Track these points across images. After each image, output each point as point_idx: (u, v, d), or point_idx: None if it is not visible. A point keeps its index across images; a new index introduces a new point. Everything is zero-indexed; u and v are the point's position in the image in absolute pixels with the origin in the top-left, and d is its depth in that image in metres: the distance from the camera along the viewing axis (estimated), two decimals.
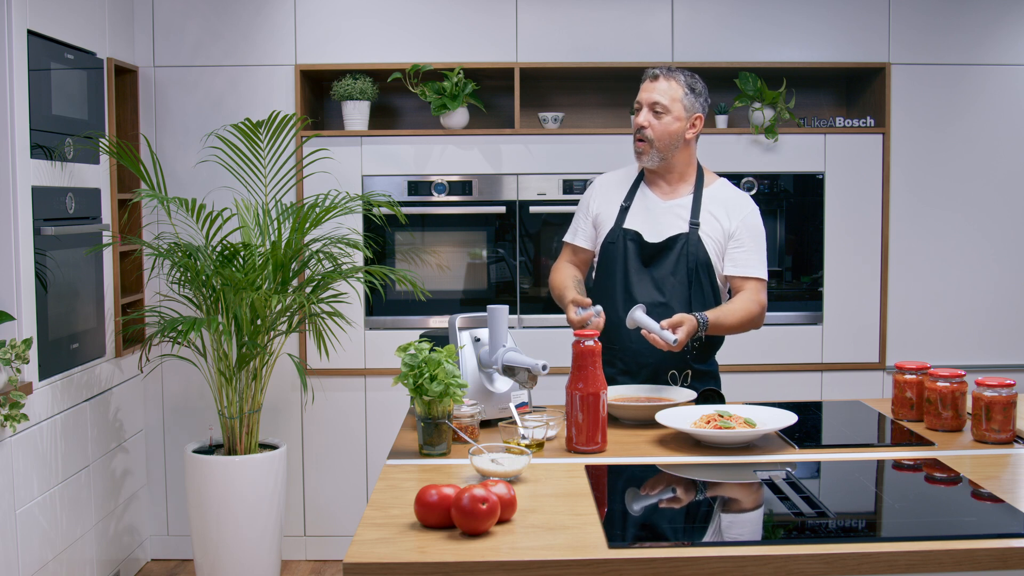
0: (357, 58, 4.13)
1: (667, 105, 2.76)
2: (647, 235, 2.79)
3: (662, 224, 2.80)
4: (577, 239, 2.95)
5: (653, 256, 2.78)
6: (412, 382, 2.19)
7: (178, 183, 4.10)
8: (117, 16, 3.89)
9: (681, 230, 2.78)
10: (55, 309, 3.32)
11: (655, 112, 2.76)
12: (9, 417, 2.92)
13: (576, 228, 2.96)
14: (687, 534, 1.78)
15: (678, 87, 2.78)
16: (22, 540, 3.07)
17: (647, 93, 2.79)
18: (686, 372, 2.79)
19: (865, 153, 4.18)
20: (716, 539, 1.74)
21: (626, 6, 4.16)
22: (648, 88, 2.80)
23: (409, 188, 4.13)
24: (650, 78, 2.81)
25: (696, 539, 1.74)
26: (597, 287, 2.88)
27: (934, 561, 1.64)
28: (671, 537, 1.76)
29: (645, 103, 2.78)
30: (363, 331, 4.14)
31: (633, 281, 2.77)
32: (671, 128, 2.76)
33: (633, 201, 2.85)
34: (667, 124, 2.76)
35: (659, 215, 2.81)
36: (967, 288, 4.27)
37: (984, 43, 4.21)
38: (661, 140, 2.76)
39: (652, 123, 2.76)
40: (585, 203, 2.95)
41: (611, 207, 2.88)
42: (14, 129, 3.08)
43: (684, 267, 2.76)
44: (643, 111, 2.78)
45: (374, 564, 1.61)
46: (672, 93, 2.77)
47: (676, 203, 2.82)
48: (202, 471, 3.61)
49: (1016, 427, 2.34)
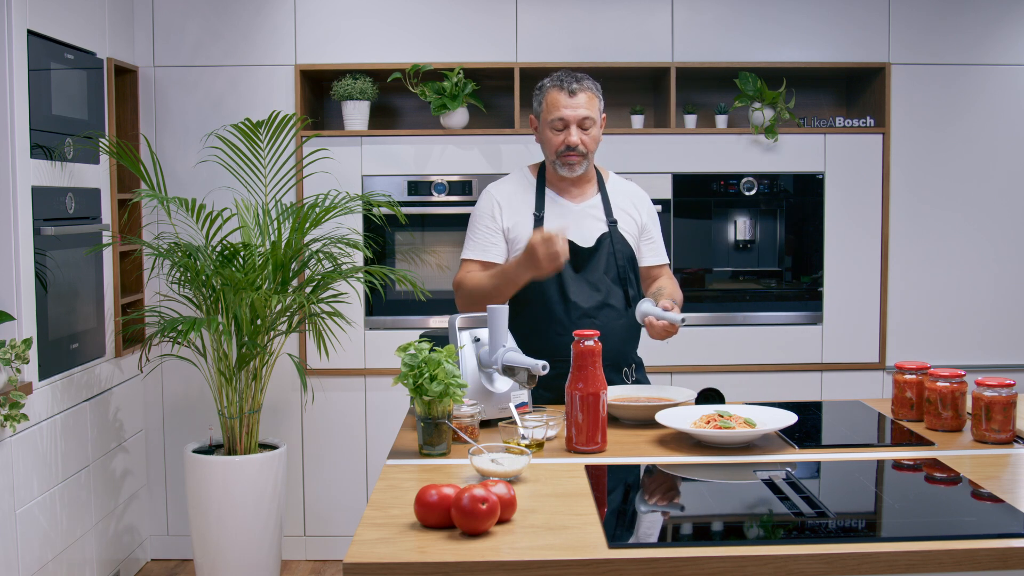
0: (357, 58, 4.13)
1: (594, 117, 2.77)
2: (577, 240, 2.78)
3: (584, 227, 2.81)
4: (489, 254, 2.80)
5: (585, 261, 2.79)
6: (412, 382, 2.19)
7: (178, 183, 4.10)
8: (117, 16, 3.89)
9: (602, 230, 2.82)
10: (55, 309, 3.32)
11: (584, 128, 2.76)
12: (9, 417, 2.92)
13: (485, 244, 2.81)
14: (687, 534, 1.78)
15: (594, 96, 2.79)
16: (22, 540, 3.07)
17: (572, 110, 2.74)
18: (632, 366, 2.86)
19: (865, 153, 4.18)
20: (716, 539, 1.74)
21: (626, 6, 4.16)
22: (570, 104, 2.74)
23: (409, 188, 4.13)
24: (568, 93, 2.74)
25: (696, 539, 1.74)
26: (524, 301, 2.76)
27: (934, 561, 1.64)
28: (671, 537, 1.76)
29: (572, 120, 2.74)
30: (363, 331, 4.14)
31: (571, 288, 2.76)
32: (597, 136, 2.81)
33: (545, 209, 2.83)
34: (594, 134, 2.80)
35: (578, 219, 2.82)
36: (967, 288, 4.27)
37: (984, 43, 4.21)
38: (592, 147, 2.80)
39: (583, 139, 2.76)
40: (487, 216, 2.83)
41: (522, 218, 2.82)
42: (14, 129, 3.08)
43: (615, 265, 2.80)
44: (572, 129, 2.75)
45: (374, 564, 1.61)
46: (592, 104, 2.78)
47: (588, 204, 2.85)
48: (202, 471, 3.61)
49: (1016, 427, 2.34)
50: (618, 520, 1.82)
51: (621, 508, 1.92)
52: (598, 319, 2.76)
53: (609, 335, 2.71)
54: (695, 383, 3.26)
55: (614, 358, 2.79)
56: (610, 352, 2.73)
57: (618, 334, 2.79)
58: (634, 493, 2.03)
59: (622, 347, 2.84)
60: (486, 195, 2.88)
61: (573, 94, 2.75)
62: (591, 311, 2.76)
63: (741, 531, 1.78)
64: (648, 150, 4.13)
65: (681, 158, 4.15)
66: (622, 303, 2.81)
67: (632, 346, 2.90)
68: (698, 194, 4.16)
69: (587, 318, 2.75)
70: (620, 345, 2.82)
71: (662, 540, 1.71)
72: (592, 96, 2.78)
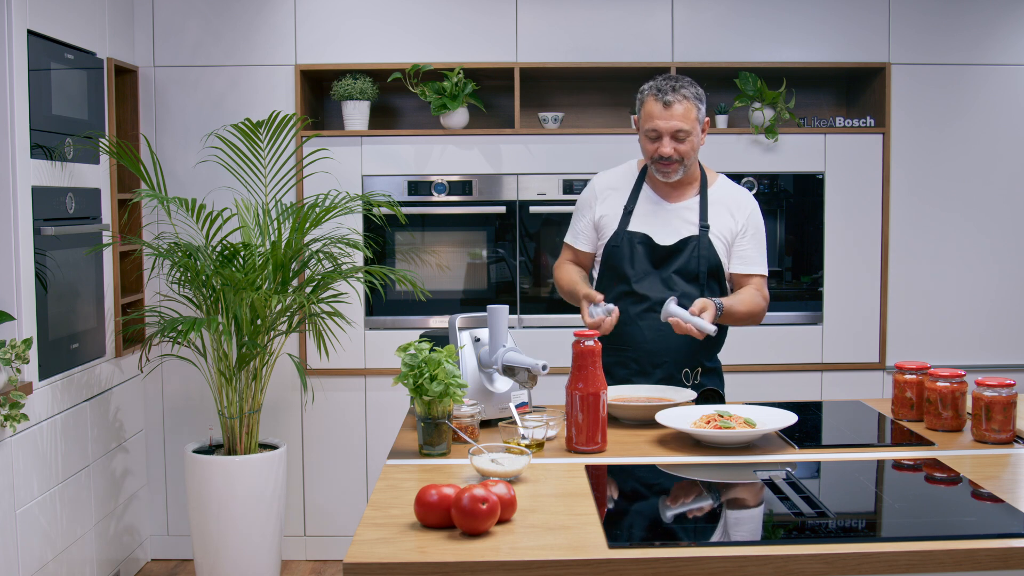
0: (357, 58, 4.13)
1: (689, 129, 2.71)
2: (657, 237, 2.78)
3: (671, 226, 2.79)
4: (579, 242, 2.91)
5: (664, 259, 2.78)
6: (412, 382, 2.19)
7: (178, 183, 4.10)
8: (117, 16, 3.89)
9: (691, 232, 2.78)
10: (55, 309, 3.32)
11: (678, 140, 2.71)
12: (9, 417, 2.92)
13: (577, 231, 2.92)
14: (687, 534, 1.78)
15: (692, 107, 2.71)
16: (22, 540, 3.07)
17: (665, 122, 2.69)
18: (697, 370, 2.81)
19: (865, 153, 4.18)
20: (716, 539, 1.74)
21: (626, 6, 4.16)
22: (664, 116, 2.69)
23: (409, 188, 4.14)
24: (663, 104, 2.69)
25: (696, 539, 1.74)
26: (601, 288, 2.85)
27: (934, 561, 1.64)
28: (671, 537, 1.76)
29: (665, 132, 2.70)
30: (363, 331, 4.14)
31: (642, 282, 2.77)
32: (696, 144, 2.75)
33: (637, 204, 2.83)
34: (692, 143, 2.73)
35: (667, 217, 2.80)
36: (967, 288, 4.27)
37: (984, 43, 4.21)
38: (688, 156, 2.74)
39: (678, 148, 2.71)
40: (586, 205, 2.91)
41: (614, 210, 2.85)
42: (14, 129, 3.08)
43: (696, 269, 2.76)
44: (665, 140, 2.70)
45: (374, 564, 1.61)
46: (690, 115, 2.70)
47: (682, 205, 2.82)
48: (202, 471, 3.61)
49: (1016, 427, 2.34)
50: (618, 520, 1.82)
51: (621, 508, 1.92)
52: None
53: (673, 335, 2.69)
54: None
55: (676, 357, 2.76)
56: (673, 350, 2.73)
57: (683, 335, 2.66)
58: (634, 493, 2.03)
59: (689, 348, 2.77)
60: (589, 183, 2.95)
61: (668, 106, 2.69)
62: (657, 306, 2.71)
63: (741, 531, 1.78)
64: None
65: None
66: None
67: (703, 350, 2.80)
68: None
69: (652, 312, 2.74)
70: (686, 346, 2.76)
71: (662, 540, 1.71)
72: (689, 106, 2.70)
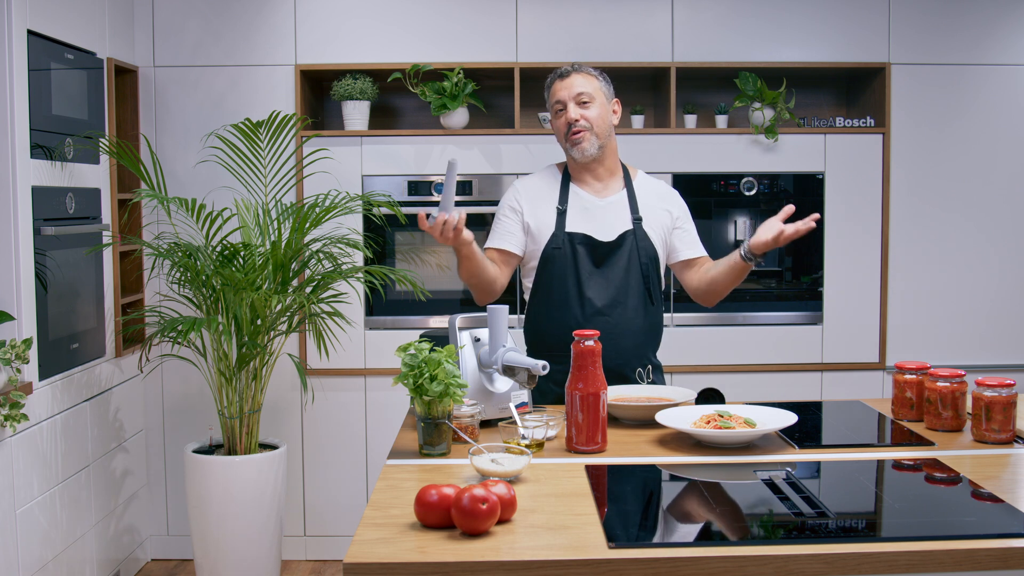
0: (357, 58, 4.13)
1: (591, 93, 2.77)
2: (598, 235, 2.78)
3: (607, 223, 2.80)
4: (506, 243, 2.83)
5: (605, 256, 2.79)
6: (412, 382, 2.19)
7: (178, 183, 4.10)
8: (117, 16, 3.89)
9: (626, 227, 2.80)
10: (55, 309, 3.32)
11: (582, 103, 2.76)
12: (9, 417, 2.92)
13: (504, 233, 2.84)
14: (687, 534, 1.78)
15: (592, 78, 2.80)
16: (22, 540, 3.07)
17: (566, 90, 2.78)
18: (648, 367, 2.82)
19: (865, 153, 4.18)
20: (716, 539, 1.74)
21: (626, 6, 4.16)
22: (564, 86, 2.78)
23: (409, 188, 4.13)
24: (559, 77, 2.80)
25: (696, 539, 1.74)
26: (542, 294, 2.81)
27: (934, 561, 1.64)
28: (671, 537, 1.76)
29: (568, 98, 2.77)
30: (363, 331, 4.14)
31: (587, 283, 2.77)
32: (602, 113, 2.79)
33: (568, 204, 2.83)
34: (597, 110, 2.78)
35: (600, 214, 2.81)
36: (967, 288, 4.27)
37: (984, 43, 4.21)
38: (598, 125, 2.77)
39: (583, 114, 2.76)
40: (511, 208, 2.86)
41: (545, 212, 2.83)
42: (14, 129, 3.08)
43: (637, 262, 2.78)
44: (570, 106, 2.76)
45: (374, 564, 1.61)
46: (589, 82, 2.78)
47: (611, 200, 2.84)
48: (202, 471, 3.61)
49: (1016, 427, 2.34)
50: (618, 520, 1.82)
51: (621, 508, 1.92)
52: (611, 317, 2.75)
53: (624, 334, 2.72)
54: (695, 383, 3.26)
55: (627, 358, 2.77)
56: (623, 351, 2.73)
57: (633, 333, 2.77)
58: (634, 493, 2.03)
59: (637, 347, 2.80)
60: (511, 188, 2.92)
61: (566, 76, 2.79)
62: (605, 308, 2.75)
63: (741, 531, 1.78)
64: (648, 150, 4.13)
65: (681, 158, 4.15)
66: (641, 302, 2.78)
67: (650, 347, 2.86)
68: (698, 194, 4.16)
69: (600, 315, 2.75)
70: (635, 345, 2.79)
71: (662, 540, 1.71)
72: (588, 76, 2.79)
